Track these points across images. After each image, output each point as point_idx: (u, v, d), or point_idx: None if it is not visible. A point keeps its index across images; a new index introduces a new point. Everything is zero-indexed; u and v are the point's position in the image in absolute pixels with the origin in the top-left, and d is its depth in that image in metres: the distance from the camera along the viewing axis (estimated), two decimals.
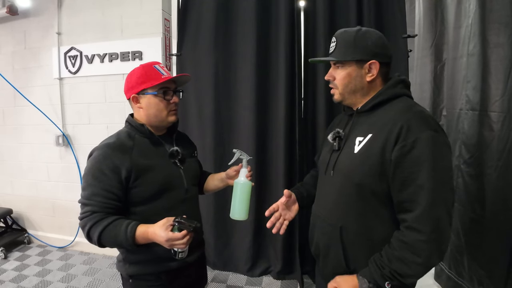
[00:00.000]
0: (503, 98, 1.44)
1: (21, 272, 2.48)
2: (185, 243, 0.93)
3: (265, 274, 2.34)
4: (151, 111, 1.09)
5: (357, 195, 0.93)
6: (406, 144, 0.83)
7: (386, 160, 0.86)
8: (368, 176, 0.90)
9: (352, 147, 0.95)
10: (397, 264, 0.83)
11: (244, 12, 2.17)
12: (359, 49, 0.94)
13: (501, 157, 1.46)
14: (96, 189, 0.99)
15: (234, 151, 1.20)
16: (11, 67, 2.85)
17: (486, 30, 1.51)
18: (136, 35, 2.44)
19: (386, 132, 0.87)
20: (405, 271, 0.83)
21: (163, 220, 0.95)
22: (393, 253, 0.85)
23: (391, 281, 0.84)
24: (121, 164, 1.00)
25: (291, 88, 2.14)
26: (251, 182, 1.16)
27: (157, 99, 1.07)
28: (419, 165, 0.82)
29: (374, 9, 1.97)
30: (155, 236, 0.94)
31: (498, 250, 1.50)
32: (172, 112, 1.11)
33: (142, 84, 1.06)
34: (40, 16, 2.70)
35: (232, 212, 1.15)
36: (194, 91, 2.30)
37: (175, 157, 1.12)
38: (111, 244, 1.00)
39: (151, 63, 1.10)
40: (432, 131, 0.84)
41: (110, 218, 0.98)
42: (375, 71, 0.95)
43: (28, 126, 2.88)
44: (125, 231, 0.96)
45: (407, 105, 0.92)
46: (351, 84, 0.97)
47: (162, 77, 1.07)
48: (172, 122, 1.13)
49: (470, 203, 1.67)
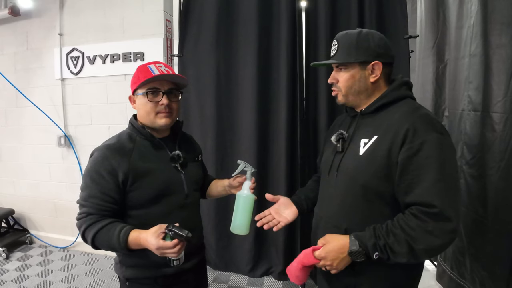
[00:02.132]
0: (505, 99, 1.44)
1: (23, 272, 2.49)
2: (176, 252, 0.90)
3: (266, 275, 2.34)
4: (141, 113, 1.07)
5: (363, 197, 0.93)
6: (413, 146, 0.84)
7: (392, 162, 0.87)
8: (374, 178, 0.90)
9: (357, 149, 0.95)
10: (393, 240, 0.84)
11: (245, 13, 2.17)
12: (362, 50, 0.94)
13: (503, 158, 1.45)
14: (93, 191, 0.98)
15: (238, 163, 1.16)
16: (13, 68, 2.86)
17: (488, 31, 1.51)
18: (138, 36, 2.45)
19: (392, 134, 0.88)
20: (398, 250, 0.83)
21: (155, 227, 0.92)
22: (394, 230, 0.85)
23: (381, 253, 0.84)
24: (119, 167, 0.99)
25: (293, 89, 2.14)
26: (254, 195, 1.13)
27: (144, 99, 1.03)
28: (425, 167, 0.83)
29: (376, 10, 1.97)
30: (146, 243, 0.91)
31: (500, 251, 1.50)
32: (161, 114, 1.04)
33: (134, 84, 1.05)
34: (42, 17, 2.71)
35: (232, 226, 1.12)
36: (195, 92, 2.30)
37: (176, 162, 1.09)
38: (104, 247, 0.98)
39: (149, 63, 1.07)
40: (438, 134, 0.85)
41: (105, 221, 0.96)
42: (378, 71, 0.95)
43: (30, 127, 2.89)
44: (118, 235, 0.94)
45: (413, 108, 0.93)
46: (355, 86, 0.98)
47: (146, 76, 1.02)
48: (162, 125, 1.05)
49: (472, 204, 1.66)
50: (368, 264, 0.91)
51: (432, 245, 0.82)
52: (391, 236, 0.84)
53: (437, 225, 0.81)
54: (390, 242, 0.83)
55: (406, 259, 0.84)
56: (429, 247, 0.83)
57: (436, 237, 0.81)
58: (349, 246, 0.87)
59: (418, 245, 0.82)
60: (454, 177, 0.86)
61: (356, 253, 0.86)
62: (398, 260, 0.85)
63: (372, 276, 0.95)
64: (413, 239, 0.82)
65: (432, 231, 0.81)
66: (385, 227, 0.86)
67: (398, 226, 0.84)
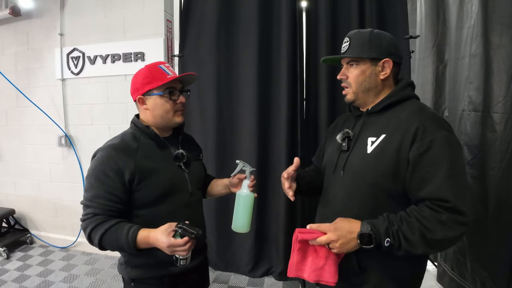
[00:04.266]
0: (505, 99, 1.44)
1: (24, 272, 2.49)
2: (186, 250, 0.90)
3: (267, 275, 2.34)
4: (157, 112, 1.07)
5: (371, 195, 0.94)
6: (423, 143, 0.86)
7: (402, 160, 0.88)
8: (383, 176, 0.91)
9: (364, 148, 0.96)
10: (406, 227, 0.83)
11: (246, 13, 2.17)
12: (374, 47, 0.97)
13: (504, 158, 1.45)
14: (99, 191, 0.98)
15: (237, 162, 1.17)
16: (14, 68, 2.86)
17: (489, 31, 1.51)
18: (139, 36, 2.45)
19: (401, 133, 0.90)
20: (411, 237, 0.83)
21: (165, 225, 0.92)
22: (408, 219, 0.85)
23: (393, 239, 0.84)
24: (125, 166, 0.99)
25: (293, 89, 2.14)
26: (253, 193, 1.15)
27: (163, 99, 1.06)
28: (436, 164, 0.85)
29: (376, 10, 1.97)
30: (156, 241, 0.92)
31: (501, 252, 1.50)
32: (178, 112, 1.09)
33: (148, 84, 1.05)
34: (42, 17, 2.72)
35: (234, 225, 1.14)
36: (196, 92, 2.30)
37: (180, 160, 1.10)
38: (112, 247, 0.98)
39: (156, 63, 1.08)
40: (446, 131, 0.87)
41: (112, 221, 0.96)
42: (388, 69, 0.98)
43: (30, 127, 2.89)
44: (127, 235, 0.94)
45: (420, 107, 0.96)
46: (365, 82, 0.99)
47: (167, 77, 1.04)
48: (179, 122, 1.11)
49: (473, 204, 1.66)
50: (373, 261, 0.91)
51: (445, 235, 0.83)
52: (404, 223, 0.84)
53: (452, 217, 0.82)
54: (403, 229, 0.84)
55: (417, 248, 0.83)
56: (442, 238, 0.83)
57: (449, 228, 0.82)
58: (360, 228, 0.87)
59: (431, 234, 0.82)
60: (464, 173, 0.89)
61: (367, 236, 0.85)
62: (409, 249, 0.84)
63: (378, 274, 0.95)
64: (426, 229, 0.82)
65: (446, 222, 0.82)
66: (399, 216, 0.87)
67: (412, 215, 0.85)
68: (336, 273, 0.92)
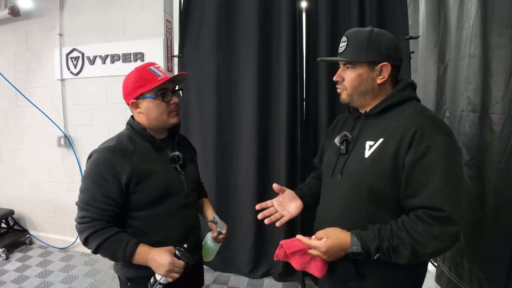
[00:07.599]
0: (504, 100, 1.44)
1: (23, 273, 2.48)
2: (181, 272, 0.98)
3: (266, 276, 2.34)
4: (152, 115, 1.06)
5: (368, 200, 0.92)
6: (420, 149, 0.83)
7: (399, 165, 0.86)
8: (380, 181, 0.89)
9: (362, 151, 0.93)
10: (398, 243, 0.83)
11: (245, 13, 2.17)
12: (372, 50, 0.92)
13: (502, 159, 1.45)
14: (95, 194, 0.98)
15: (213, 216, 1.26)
16: (13, 68, 2.86)
17: (488, 32, 1.51)
18: (138, 36, 2.45)
19: (399, 137, 0.86)
20: (401, 252, 0.83)
21: (167, 247, 1.00)
22: (399, 233, 0.83)
23: (383, 255, 0.84)
24: (122, 169, 0.99)
25: (293, 90, 2.14)
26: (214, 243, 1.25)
27: (156, 102, 1.05)
28: (432, 170, 0.82)
29: (376, 10, 1.98)
30: (158, 257, 0.96)
31: (498, 252, 1.50)
32: (173, 113, 1.09)
33: (139, 88, 1.04)
34: (42, 17, 2.71)
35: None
36: (196, 93, 2.30)
37: (176, 162, 1.10)
38: (107, 256, 1.00)
39: (146, 65, 1.07)
40: (445, 136, 0.84)
41: (111, 231, 0.97)
42: (386, 73, 0.94)
43: (30, 127, 2.89)
44: (125, 248, 0.96)
45: (419, 109, 0.91)
46: (361, 86, 0.95)
47: (158, 78, 1.03)
48: (174, 123, 1.11)
49: (471, 205, 1.66)
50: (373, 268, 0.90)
51: (436, 248, 0.82)
52: (395, 239, 0.83)
53: (443, 229, 0.80)
54: (394, 245, 0.83)
55: (406, 260, 0.83)
56: (433, 251, 0.83)
57: (440, 241, 0.81)
58: (350, 245, 0.86)
59: (422, 248, 0.81)
60: (460, 180, 0.85)
61: (356, 254, 0.86)
62: (398, 261, 0.84)
63: (377, 279, 0.94)
64: (418, 243, 0.81)
65: (437, 236, 0.80)
66: (390, 229, 0.85)
67: (403, 229, 0.83)
68: (322, 268, 0.93)
